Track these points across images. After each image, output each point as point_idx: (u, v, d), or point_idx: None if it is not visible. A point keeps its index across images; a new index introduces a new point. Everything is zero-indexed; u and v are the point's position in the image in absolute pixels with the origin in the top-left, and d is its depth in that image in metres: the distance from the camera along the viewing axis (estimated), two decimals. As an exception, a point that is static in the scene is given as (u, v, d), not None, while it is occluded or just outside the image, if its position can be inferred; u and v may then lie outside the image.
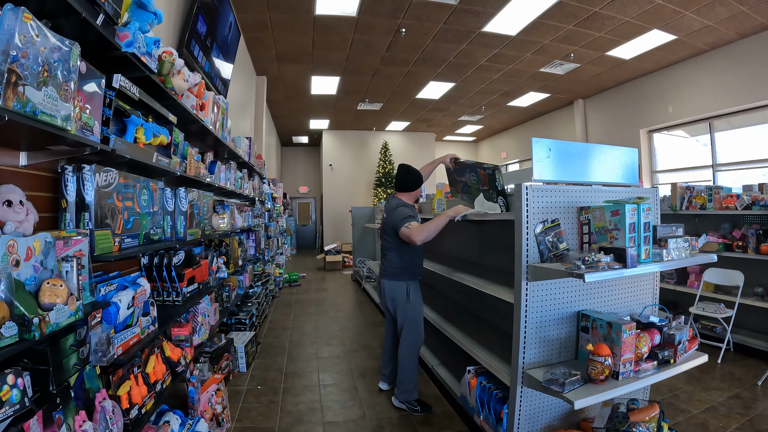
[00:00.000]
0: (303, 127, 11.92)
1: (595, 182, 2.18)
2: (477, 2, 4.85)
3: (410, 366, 2.78)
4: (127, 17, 1.50)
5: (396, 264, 2.80)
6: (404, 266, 2.79)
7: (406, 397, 2.77)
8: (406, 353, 2.78)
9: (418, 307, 2.80)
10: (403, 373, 2.78)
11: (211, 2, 3.48)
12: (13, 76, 0.87)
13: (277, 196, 7.82)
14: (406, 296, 2.77)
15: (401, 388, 2.80)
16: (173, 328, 2.06)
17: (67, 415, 1.16)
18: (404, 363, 2.78)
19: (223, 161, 3.33)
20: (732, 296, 3.66)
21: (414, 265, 2.83)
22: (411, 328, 2.77)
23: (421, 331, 2.81)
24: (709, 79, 6.40)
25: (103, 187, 1.42)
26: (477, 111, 10.21)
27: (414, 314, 2.77)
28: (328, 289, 7.44)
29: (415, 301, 2.79)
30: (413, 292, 2.79)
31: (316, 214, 14.87)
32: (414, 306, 2.78)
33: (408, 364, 2.77)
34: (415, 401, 2.76)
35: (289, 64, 6.93)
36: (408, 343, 2.78)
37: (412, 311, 2.77)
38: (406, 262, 2.79)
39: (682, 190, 4.30)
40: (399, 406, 2.80)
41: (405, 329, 2.78)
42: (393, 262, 2.81)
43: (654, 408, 1.95)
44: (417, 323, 2.79)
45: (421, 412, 2.72)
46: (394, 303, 2.82)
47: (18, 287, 0.95)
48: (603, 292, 2.10)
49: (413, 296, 2.78)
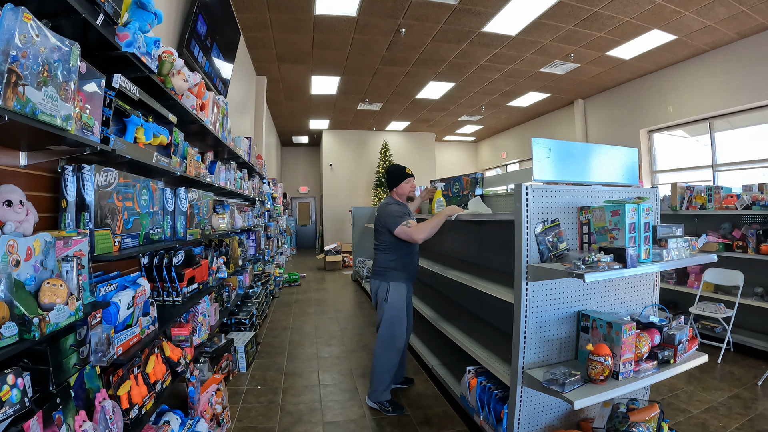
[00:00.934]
0: (303, 127, 11.92)
1: (595, 182, 2.18)
2: (477, 2, 4.85)
3: (381, 366, 2.74)
4: (127, 17, 1.50)
5: (382, 263, 2.79)
6: (389, 266, 2.76)
7: (377, 397, 2.76)
8: (378, 352, 2.76)
9: (397, 308, 2.73)
10: (373, 373, 2.78)
11: (211, 2, 3.47)
12: (13, 76, 0.87)
13: (277, 196, 7.82)
14: (384, 296, 2.73)
15: (371, 387, 2.79)
16: (173, 328, 2.06)
17: (67, 415, 1.16)
18: (375, 362, 2.76)
19: (223, 161, 3.33)
20: (732, 296, 3.66)
21: (400, 267, 2.76)
22: (386, 327, 2.74)
23: (397, 333, 2.74)
24: (709, 79, 6.40)
25: (103, 187, 1.42)
26: (477, 111, 10.21)
27: (390, 315, 2.72)
28: (328, 289, 7.43)
29: (394, 303, 2.72)
30: (393, 293, 2.72)
31: (316, 214, 14.87)
32: (392, 307, 2.72)
33: (379, 364, 2.74)
34: (386, 402, 2.74)
35: (289, 64, 6.93)
36: (381, 342, 2.75)
37: (389, 311, 2.72)
38: (392, 262, 2.75)
39: (682, 190, 4.30)
40: (372, 406, 2.79)
41: (380, 328, 2.76)
42: (380, 261, 2.81)
43: (654, 408, 1.95)
44: (392, 324, 2.72)
45: (393, 412, 2.70)
46: (376, 301, 2.82)
47: (18, 287, 0.95)
48: (603, 292, 2.10)
49: (392, 297, 2.72)
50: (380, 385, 2.74)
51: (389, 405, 2.73)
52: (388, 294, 2.73)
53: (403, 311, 2.76)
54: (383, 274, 2.77)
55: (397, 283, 2.75)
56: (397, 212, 2.67)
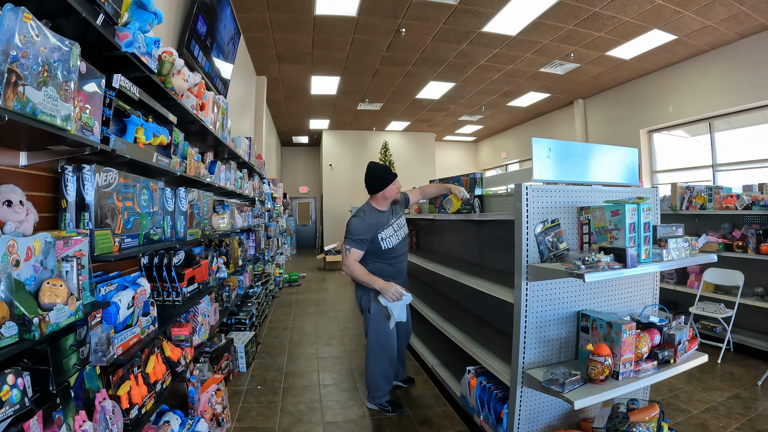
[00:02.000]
0: (303, 127, 11.92)
1: (595, 182, 2.18)
2: (477, 2, 4.85)
3: (375, 375, 2.68)
4: (127, 17, 1.50)
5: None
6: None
7: (376, 400, 2.74)
8: (369, 361, 2.70)
9: (380, 318, 2.60)
10: (368, 378, 2.73)
11: (211, 2, 3.47)
12: (13, 76, 0.87)
13: (277, 196, 7.82)
14: (368, 306, 2.64)
15: (369, 392, 2.77)
16: (173, 328, 2.06)
17: (67, 415, 1.16)
18: (369, 369, 2.72)
19: (223, 161, 3.33)
20: (732, 296, 3.66)
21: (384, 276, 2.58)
22: (373, 338, 2.65)
23: (385, 343, 2.64)
24: (709, 79, 6.40)
25: (103, 187, 1.42)
26: (477, 111, 10.21)
27: (375, 326, 2.62)
28: (328, 289, 7.43)
29: (377, 313, 2.60)
30: (374, 304, 2.59)
31: (316, 214, 14.87)
32: (375, 317, 2.61)
33: (372, 373, 2.69)
34: (386, 402, 2.72)
35: (289, 64, 6.93)
36: (371, 352, 2.68)
37: (373, 322, 2.63)
38: (373, 272, 2.56)
39: (682, 190, 4.30)
40: (371, 407, 2.77)
41: (369, 338, 2.69)
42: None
43: (654, 408, 1.95)
44: (379, 335, 2.63)
45: (392, 412, 2.69)
46: (361, 310, 2.74)
47: (18, 287, 0.95)
48: (603, 292, 2.10)
49: (375, 308, 2.60)
50: (378, 391, 2.72)
51: (389, 405, 2.72)
52: (370, 305, 2.62)
53: (386, 324, 2.61)
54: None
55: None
56: (354, 231, 2.51)
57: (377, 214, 2.63)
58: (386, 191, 2.62)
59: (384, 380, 2.70)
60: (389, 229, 2.65)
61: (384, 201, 2.66)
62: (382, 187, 2.61)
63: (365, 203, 2.73)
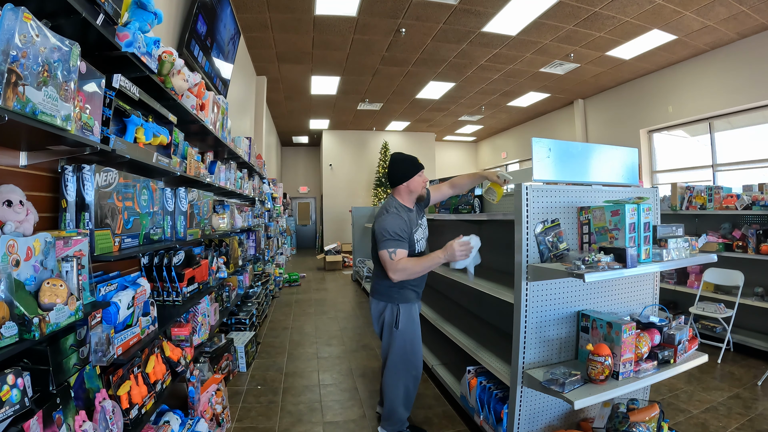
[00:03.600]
0: (303, 127, 11.92)
1: (595, 182, 2.18)
2: (477, 2, 4.86)
3: (396, 399, 2.28)
4: (127, 17, 1.50)
5: (385, 282, 2.23)
6: (396, 284, 2.19)
7: (395, 428, 2.33)
8: (390, 383, 2.28)
9: (410, 336, 2.24)
10: (388, 403, 2.31)
11: (211, 2, 3.48)
12: (13, 76, 0.87)
13: (277, 196, 7.82)
14: (394, 321, 2.23)
15: (387, 418, 2.34)
16: (173, 328, 2.06)
17: (67, 415, 1.16)
18: (388, 394, 2.30)
19: (223, 161, 3.33)
20: (732, 296, 3.66)
21: (412, 283, 2.26)
22: (398, 358, 2.25)
23: (413, 364, 2.28)
24: (709, 79, 6.40)
25: (103, 187, 1.42)
26: (477, 111, 10.21)
27: (403, 343, 2.23)
28: (328, 289, 7.43)
29: (406, 330, 2.23)
30: (404, 318, 2.22)
31: (316, 214, 14.88)
32: (404, 333, 2.23)
33: (394, 397, 2.28)
34: (407, 429, 2.35)
35: (289, 64, 6.93)
36: (393, 373, 2.27)
37: (400, 340, 2.23)
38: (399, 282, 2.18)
39: (682, 190, 4.30)
40: None
41: (390, 358, 2.26)
42: (381, 278, 2.26)
43: (654, 408, 1.95)
44: (406, 354, 2.25)
45: None
46: (381, 327, 2.31)
47: (18, 287, 0.95)
48: (603, 292, 2.10)
49: (404, 323, 2.22)
50: (396, 418, 2.31)
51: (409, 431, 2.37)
52: (398, 319, 2.21)
53: (417, 336, 2.28)
54: (387, 294, 2.25)
55: (407, 303, 2.25)
56: (392, 228, 2.11)
57: (407, 212, 2.26)
58: (411, 183, 2.26)
59: (406, 405, 2.32)
60: (420, 231, 2.32)
61: (408, 196, 2.30)
62: (406, 177, 2.26)
63: (388, 200, 2.32)
